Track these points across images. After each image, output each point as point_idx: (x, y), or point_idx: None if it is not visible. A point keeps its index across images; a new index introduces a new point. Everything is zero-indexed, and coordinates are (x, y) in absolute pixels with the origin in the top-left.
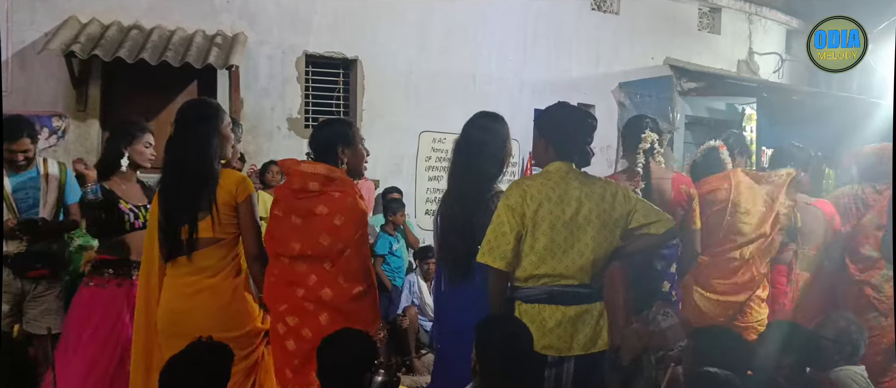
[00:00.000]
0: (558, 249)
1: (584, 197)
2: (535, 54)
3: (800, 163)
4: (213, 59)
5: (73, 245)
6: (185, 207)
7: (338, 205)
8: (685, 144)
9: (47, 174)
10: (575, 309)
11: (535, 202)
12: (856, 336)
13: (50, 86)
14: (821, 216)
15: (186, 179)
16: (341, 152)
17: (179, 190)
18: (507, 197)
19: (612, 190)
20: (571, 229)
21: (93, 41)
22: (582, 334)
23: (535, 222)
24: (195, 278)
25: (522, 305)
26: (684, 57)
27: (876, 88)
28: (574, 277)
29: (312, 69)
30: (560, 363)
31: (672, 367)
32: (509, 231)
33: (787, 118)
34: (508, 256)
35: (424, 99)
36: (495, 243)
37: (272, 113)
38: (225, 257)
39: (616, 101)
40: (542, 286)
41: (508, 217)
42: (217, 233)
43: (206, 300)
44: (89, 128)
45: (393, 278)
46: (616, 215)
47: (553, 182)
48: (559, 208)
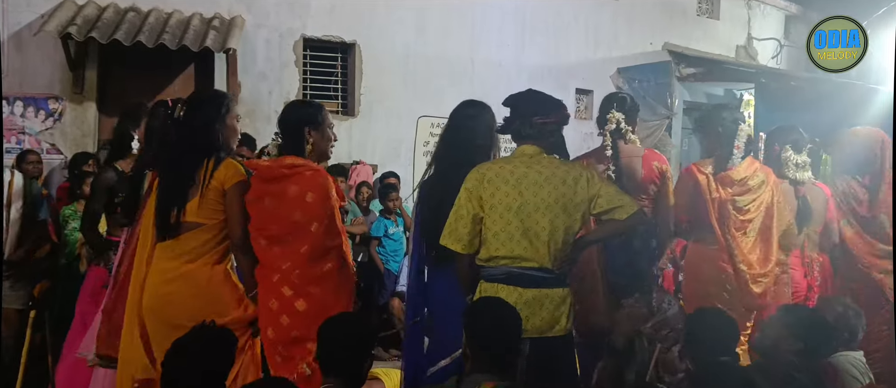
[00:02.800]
0: (516, 231)
1: (543, 181)
2: (534, 39)
3: (789, 141)
4: (210, 43)
5: (69, 227)
6: (179, 187)
7: (309, 182)
8: (683, 130)
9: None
10: (533, 292)
11: (492, 186)
12: (853, 322)
13: (46, 68)
14: (823, 198)
15: (187, 160)
16: (308, 134)
17: (178, 170)
18: (467, 181)
19: (576, 174)
20: (528, 212)
21: (89, 23)
22: (538, 317)
23: (492, 205)
24: (175, 263)
25: (483, 283)
26: (683, 42)
27: (874, 74)
28: (533, 260)
29: (310, 53)
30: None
31: (659, 348)
32: (466, 214)
33: (786, 104)
34: (465, 238)
35: (422, 84)
36: (454, 226)
37: (270, 97)
38: (207, 244)
39: (614, 86)
40: (502, 267)
41: (466, 200)
42: (201, 217)
43: (181, 287)
44: (86, 111)
45: (387, 261)
46: (577, 200)
47: (513, 166)
48: (516, 191)
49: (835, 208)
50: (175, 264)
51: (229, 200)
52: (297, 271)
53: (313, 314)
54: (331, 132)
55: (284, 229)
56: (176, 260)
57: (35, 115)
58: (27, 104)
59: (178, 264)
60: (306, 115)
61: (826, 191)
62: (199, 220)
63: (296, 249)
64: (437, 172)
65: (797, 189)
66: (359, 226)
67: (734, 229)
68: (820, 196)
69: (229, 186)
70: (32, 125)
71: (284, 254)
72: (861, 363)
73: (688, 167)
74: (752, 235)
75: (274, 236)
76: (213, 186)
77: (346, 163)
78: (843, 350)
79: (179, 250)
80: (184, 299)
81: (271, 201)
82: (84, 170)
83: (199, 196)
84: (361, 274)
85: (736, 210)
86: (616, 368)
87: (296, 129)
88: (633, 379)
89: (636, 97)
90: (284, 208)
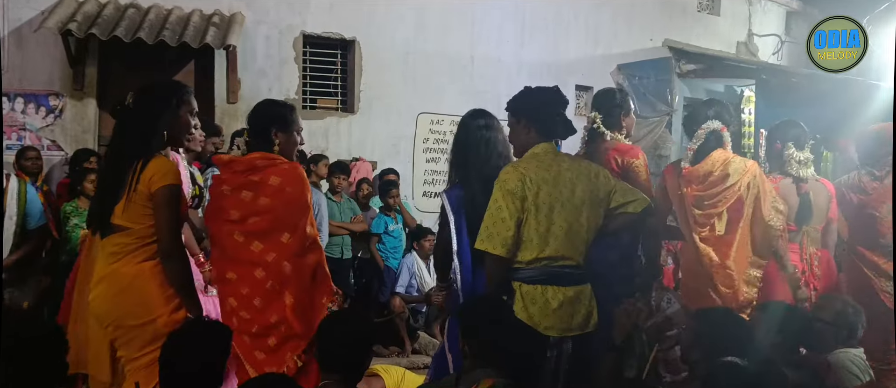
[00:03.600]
0: (560, 230)
1: (575, 178)
2: (534, 36)
3: (791, 138)
4: (210, 39)
5: (70, 223)
6: (111, 186)
7: (288, 175)
8: (683, 126)
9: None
10: (573, 290)
11: (535, 186)
12: (853, 319)
13: (46, 65)
14: (826, 195)
15: (121, 157)
16: (274, 135)
17: (112, 167)
18: (505, 182)
19: (595, 170)
20: (570, 209)
21: (89, 20)
22: (579, 314)
23: (537, 205)
24: (102, 264)
25: (524, 286)
26: (683, 38)
27: (875, 70)
28: (571, 258)
29: (310, 50)
30: (560, 344)
31: (657, 348)
32: (509, 217)
33: (786, 100)
34: (508, 242)
35: (422, 80)
36: (495, 229)
37: (269, 94)
38: (131, 245)
39: (615, 83)
40: (544, 268)
41: (508, 203)
42: (126, 220)
43: (106, 287)
44: (86, 107)
45: (387, 258)
46: (601, 195)
47: (546, 164)
48: (557, 190)
49: (836, 205)
50: (101, 264)
51: (156, 203)
52: (286, 263)
53: (301, 308)
54: (298, 137)
55: (266, 222)
56: (104, 260)
57: (35, 111)
58: (28, 100)
59: (104, 265)
60: (275, 115)
61: (829, 188)
62: (123, 223)
63: (279, 241)
64: (466, 182)
65: (800, 186)
66: (359, 223)
67: (696, 224)
68: (823, 193)
69: (156, 189)
70: (33, 122)
71: (268, 248)
72: (861, 360)
73: (666, 167)
74: (721, 230)
75: (254, 231)
76: (139, 190)
77: (346, 160)
78: (842, 348)
79: (107, 251)
80: (108, 298)
81: (249, 192)
82: (85, 167)
83: (126, 199)
84: (362, 271)
85: (696, 206)
86: (615, 365)
87: (264, 129)
88: (632, 376)
89: (636, 94)
90: (264, 199)
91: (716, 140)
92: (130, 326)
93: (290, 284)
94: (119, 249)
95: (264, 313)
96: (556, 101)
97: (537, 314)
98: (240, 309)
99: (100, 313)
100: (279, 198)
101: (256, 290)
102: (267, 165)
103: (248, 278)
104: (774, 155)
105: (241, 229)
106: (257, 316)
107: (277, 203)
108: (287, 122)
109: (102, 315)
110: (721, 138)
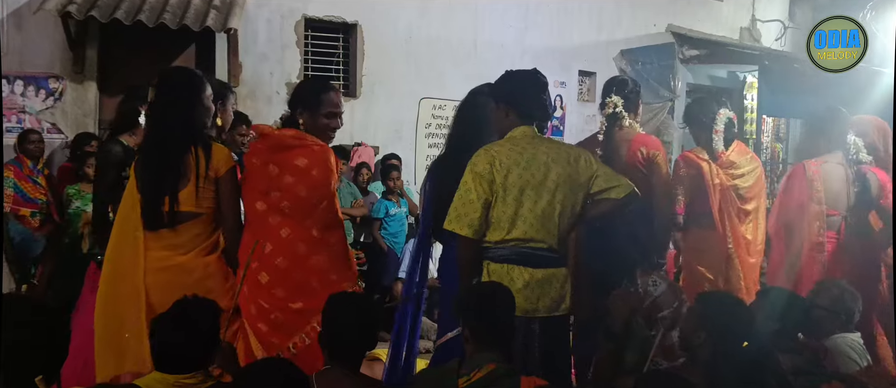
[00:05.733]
0: (529, 212)
1: (551, 161)
2: (537, 20)
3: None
4: (211, 22)
5: (73, 206)
6: (167, 176)
7: (316, 157)
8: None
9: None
10: (542, 272)
11: (505, 168)
12: (850, 304)
13: (46, 47)
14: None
15: (170, 147)
16: (298, 115)
17: (163, 157)
18: (475, 164)
19: (576, 154)
20: (541, 192)
21: (89, 2)
22: (548, 296)
23: (506, 187)
24: (165, 253)
25: (491, 264)
26: (686, 24)
27: (878, 57)
28: (543, 240)
29: (312, 33)
30: (527, 324)
31: (662, 332)
32: (476, 199)
33: (789, 86)
34: (476, 223)
35: (425, 65)
36: (463, 210)
37: (271, 78)
38: (201, 234)
39: (618, 68)
40: (513, 247)
41: (476, 185)
42: (197, 207)
43: (173, 278)
44: (86, 90)
45: (390, 243)
46: (581, 179)
47: (520, 147)
48: (528, 172)
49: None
50: (165, 254)
51: (223, 187)
52: (301, 243)
53: (309, 289)
54: (326, 119)
55: (288, 199)
56: (168, 250)
57: (35, 94)
58: (27, 83)
59: (169, 255)
60: (299, 95)
61: (880, 175)
62: (194, 209)
63: (297, 221)
64: (452, 152)
65: (859, 169)
66: (359, 208)
67: (736, 216)
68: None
69: (223, 174)
70: (33, 104)
71: (284, 224)
72: (859, 345)
73: (684, 155)
74: (753, 222)
75: (274, 205)
76: (208, 175)
77: (348, 145)
78: (840, 333)
79: (173, 241)
80: (174, 290)
81: (275, 168)
82: (86, 150)
83: (194, 185)
84: (366, 255)
85: (738, 197)
86: (615, 353)
87: (291, 107)
88: (633, 363)
89: (639, 80)
90: (289, 178)
91: (732, 131)
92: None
93: (302, 264)
94: (188, 240)
95: (269, 288)
96: (533, 83)
97: None
98: (258, 273)
99: (160, 300)
100: (304, 180)
101: (265, 264)
102: (297, 144)
103: (258, 250)
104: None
105: (263, 200)
106: (263, 290)
107: (301, 184)
108: (310, 103)
109: (163, 303)
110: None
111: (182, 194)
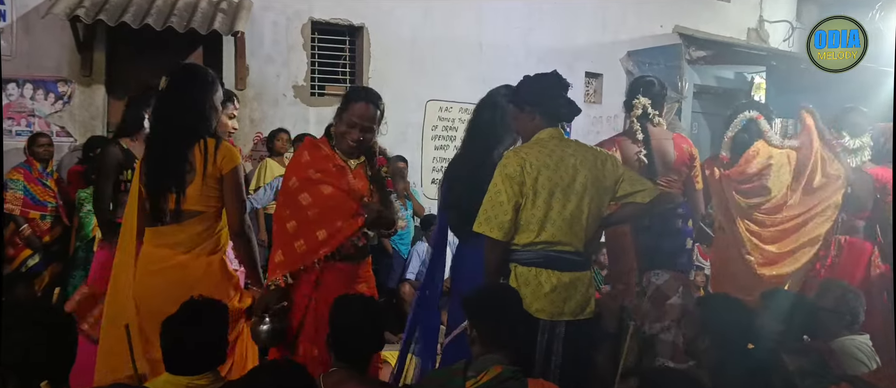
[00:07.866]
0: (558, 216)
1: (578, 163)
2: (542, 21)
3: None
4: (218, 25)
5: (84, 210)
6: (172, 171)
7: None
8: (693, 113)
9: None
10: (569, 276)
11: (535, 170)
12: (854, 304)
13: (54, 51)
14: (870, 183)
15: (174, 145)
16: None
17: (172, 151)
18: (505, 166)
19: (603, 157)
20: (569, 195)
21: (97, 6)
22: (573, 300)
23: (536, 190)
24: (167, 252)
25: (519, 267)
26: (693, 25)
27: (885, 57)
28: (570, 243)
29: (318, 36)
30: (552, 328)
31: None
32: (507, 201)
33: (797, 87)
34: (506, 226)
35: (430, 67)
36: (492, 212)
37: (277, 80)
38: (203, 233)
39: (624, 69)
40: (540, 251)
41: (506, 187)
42: (201, 204)
43: (173, 277)
44: (94, 94)
45: (396, 245)
46: (607, 183)
47: (549, 149)
48: (557, 175)
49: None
50: (166, 252)
51: (228, 185)
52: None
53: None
54: (344, 128)
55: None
56: (169, 249)
57: (44, 97)
58: (36, 87)
59: (170, 254)
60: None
61: (876, 175)
62: (197, 207)
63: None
64: (470, 152)
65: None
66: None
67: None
68: (867, 183)
69: (227, 172)
70: (42, 108)
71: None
72: (867, 346)
73: (707, 161)
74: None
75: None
76: (212, 172)
77: None
78: (847, 334)
79: (176, 238)
80: (173, 291)
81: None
82: (98, 153)
83: (201, 181)
84: (372, 257)
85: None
86: (613, 352)
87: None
88: (632, 361)
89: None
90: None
91: (755, 131)
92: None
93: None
94: (188, 237)
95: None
96: (557, 84)
97: (529, 296)
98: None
99: (159, 304)
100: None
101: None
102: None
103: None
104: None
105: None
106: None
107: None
108: (339, 109)
109: (166, 305)
110: (759, 128)
111: (189, 189)
